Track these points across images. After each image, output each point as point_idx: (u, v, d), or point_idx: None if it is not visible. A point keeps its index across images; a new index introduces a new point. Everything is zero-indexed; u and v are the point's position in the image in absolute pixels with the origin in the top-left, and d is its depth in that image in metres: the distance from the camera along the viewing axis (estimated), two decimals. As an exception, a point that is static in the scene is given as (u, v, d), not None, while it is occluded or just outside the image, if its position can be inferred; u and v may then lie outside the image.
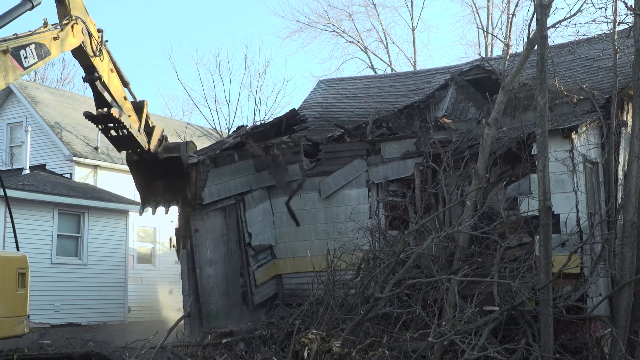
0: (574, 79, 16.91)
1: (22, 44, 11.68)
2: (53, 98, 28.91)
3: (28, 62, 11.73)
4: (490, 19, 38.59)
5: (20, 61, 11.59)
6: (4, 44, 11.22)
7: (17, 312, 10.37)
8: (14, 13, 12.13)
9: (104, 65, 14.56)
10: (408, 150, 16.75)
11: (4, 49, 11.19)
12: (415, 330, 11.62)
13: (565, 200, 13.73)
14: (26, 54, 11.68)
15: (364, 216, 16.65)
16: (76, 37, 13.35)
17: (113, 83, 14.93)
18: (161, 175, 16.97)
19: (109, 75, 14.77)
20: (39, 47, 12.10)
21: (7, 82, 11.49)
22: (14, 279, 10.32)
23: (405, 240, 13.11)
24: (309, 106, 22.46)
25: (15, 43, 11.47)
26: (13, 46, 11.34)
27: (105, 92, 14.62)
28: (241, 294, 17.08)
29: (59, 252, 21.24)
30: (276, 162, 17.54)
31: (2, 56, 11.17)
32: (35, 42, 12.01)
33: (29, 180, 21.59)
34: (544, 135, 12.25)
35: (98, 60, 14.23)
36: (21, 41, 11.63)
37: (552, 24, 13.81)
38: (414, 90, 21.14)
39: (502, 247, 12.87)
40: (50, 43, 12.51)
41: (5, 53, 11.21)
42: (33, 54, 11.88)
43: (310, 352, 10.72)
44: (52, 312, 20.39)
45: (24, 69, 11.69)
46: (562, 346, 12.49)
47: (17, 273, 10.42)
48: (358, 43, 41.36)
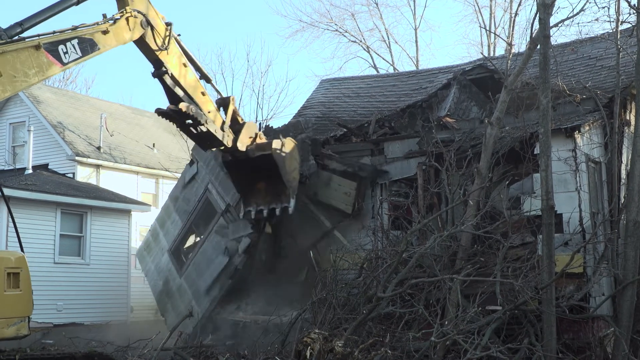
0: (576, 78, 16.89)
1: (60, 39, 11.32)
2: (56, 98, 28.93)
3: (69, 57, 11.35)
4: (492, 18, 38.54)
5: (59, 57, 11.22)
6: (35, 40, 10.88)
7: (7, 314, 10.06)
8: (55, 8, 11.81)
9: (173, 60, 14.00)
10: (411, 149, 16.75)
11: (36, 44, 10.85)
12: (418, 330, 11.59)
13: (568, 200, 13.71)
14: (66, 49, 11.31)
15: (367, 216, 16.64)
16: (133, 31, 12.92)
17: (186, 78, 14.33)
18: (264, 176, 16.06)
19: (181, 69, 14.18)
20: (83, 42, 11.70)
21: (41, 78, 11.19)
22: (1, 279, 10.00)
23: (407, 239, 13.08)
24: (311, 106, 22.47)
25: (52, 39, 11.15)
26: (47, 42, 11.01)
27: (177, 88, 14.12)
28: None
29: (61, 251, 21.26)
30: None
31: (35, 52, 10.79)
32: (78, 37, 11.60)
33: (32, 180, 21.61)
34: (547, 134, 12.22)
35: (164, 54, 13.68)
36: (59, 37, 11.30)
37: (555, 23, 13.81)
38: (417, 90, 21.13)
39: (504, 247, 12.85)
40: (100, 38, 12.08)
41: (37, 49, 10.85)
42: (76, 49, 11.49)
43: (312, 351, 10.71)
44: (54, 311, 20.41)
45: (63, 64, 11.32)
46: (565, 346, 12.47)
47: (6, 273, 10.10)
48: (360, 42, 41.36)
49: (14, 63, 10.35)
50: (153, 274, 19.40)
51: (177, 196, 19.82)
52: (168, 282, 18.68)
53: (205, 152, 18.21)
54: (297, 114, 22.22)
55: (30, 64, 10.68)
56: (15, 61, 10.37)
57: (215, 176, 18.46)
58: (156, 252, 19.67)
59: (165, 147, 30.56)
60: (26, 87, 11.18)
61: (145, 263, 19.83)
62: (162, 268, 19.14)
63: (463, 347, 10.68)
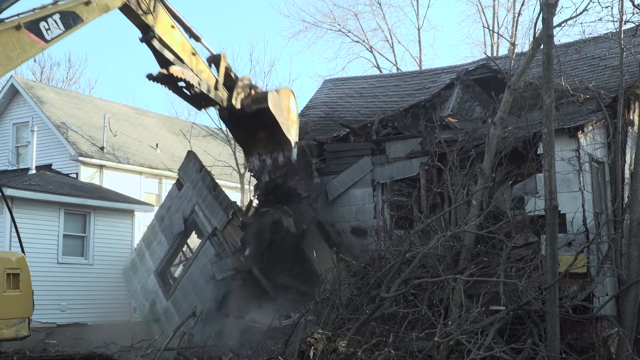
0: (580, 78, 16.86)
1: (41, 16, 11.14)
2: (59, 98, 28.95)
3: (51, 34, 11.23)
4: (496, 18, 38.51)
5: (41, 34, 11.08)
6: (15, 20, 10.70)
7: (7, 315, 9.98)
8: None
9: (161, 23, 13.72)
10: (413, 149, 16.74)
11: (16, 24, 10.69)
12: (421, 330, 11.58)
13: (572, 200, 13.70)
14: (48, 26, 11.19)
15: (369, 216, 16.65)
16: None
17: (175, 40, 14.07)
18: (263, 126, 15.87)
19: (169, 31, 13.94)
20: (65, 16, 11.53)
21: (24, 59, 11.07)
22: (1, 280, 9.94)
23: (410, 239, 13.08)
24: (314, 106, 22.46)
25: (32, 17, 10.99)
26: (28, 20, 10.86)
27: (166, 50, 13.86)
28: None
29: (65, 251, 21.28)
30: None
31: (16, 33, 10.68)
32: (60, 12, 11.42)
33: (35, 180, 21.63)
34: (550, 134, 12.21)
35: (151, 17, 13.44)
36: (39, 14, 11.13)
37: (558, 23, 13.78)
38: (420, 90, 21.11)
39: (508, 247, 12.83)
40: (82, 9, 11.92)
41: (18, 29, 10.75)
42: (58, 24, 11.37)
43: (316, 351, 10.71)
44: (58, 311, 20.43)
45: (46, 42, 11.20)
46: (569, 346, 12.45)
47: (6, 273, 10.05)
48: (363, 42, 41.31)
49: None
50: (139, 294, 19.25)
51: (163, 216, 19.72)
52: (155, 304, 18.55)
53: (192, 173, 18.60)
54: (300, 114, 22.18)
55: (12, 45, 10.58)
56: None
57: (202, 198, 18.54)
58: (142, 273, 19.54)
59: (169, 147, 30.57)
60: (10, 70, 11.03)
61: (131, 283, 19.62)
62: (148, 289, 19.03)
63: (466, 347, 10.67)
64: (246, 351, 14.02)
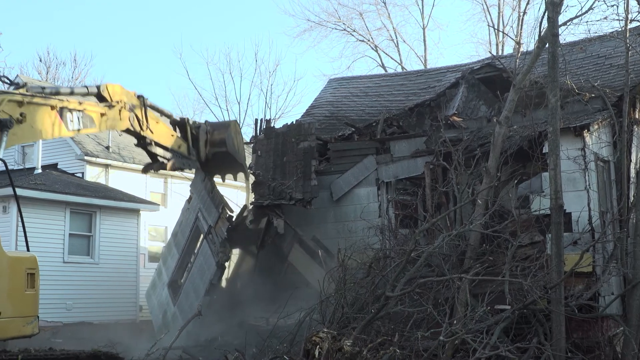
0: (585, 77, 16.83)
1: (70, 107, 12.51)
2: (65, 98, 28.98)
3: (72, 126, 12.57)
4: (501, 17, 38.48)
5: (66, 123, 12.38)
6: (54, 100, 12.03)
7: (26, 313, 10.37)
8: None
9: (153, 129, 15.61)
10: (418, 148, 16.74)
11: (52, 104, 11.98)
12: (427, 329, 11.56)
13: (577, 199, 13.68)
14: (72, 118, 12.53)
15: (373, 215, 16.64)
16: (123, 121, 14.45)
17: (161, 132, 16.03)
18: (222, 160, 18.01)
19: (156, 128, 15.80)
20: (85, 117, 12.98)
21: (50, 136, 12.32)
22: (23, 280, 10.32)
23: (415, 238, 13.07)
24: (319, 105, 22.46)
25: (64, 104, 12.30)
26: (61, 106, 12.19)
27: (157, 148, 15.98)
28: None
29: (70, 251, 21.32)
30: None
31: (50, 111, 11.90)
32: (83, 111, 12.91)
33: (41, 179, 21.68)
34: (556, 133, 12.19)
35: (148, 132, 15.37)
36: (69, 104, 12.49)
37: (564, 21, 13.78)
38: (425, 89, 21.10)
39: (513, 246, 12.82)
40: (97, 118, 13.41)
41: (52, 109, 11.96)
42: (79, 121, 12.76)
43: (321, 350, 10.72)
44: (64, 310, 20.48)
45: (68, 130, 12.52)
46: (574, 345, 12.43)
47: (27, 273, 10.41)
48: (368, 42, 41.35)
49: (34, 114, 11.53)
50: (155, 309, 19.22)
51: (177, 232, 20.07)
52: (165, 313, 18.52)
53: (198, 184, 19.55)
54: (305, 114, 22.21)
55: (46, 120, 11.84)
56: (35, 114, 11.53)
57: (203, 202, 18.90)
58: (159, 289, 19.63)
59: (174, 147, 30.57)
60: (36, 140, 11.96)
61: (150, 302, 19.69)
62: (162, 302, 19.11)
63: (472, 346, 10.66)
64: (251, 350, 14.03)
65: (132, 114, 14.77)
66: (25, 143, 12.39)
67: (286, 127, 19.12)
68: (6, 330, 10.02)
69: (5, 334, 10.08)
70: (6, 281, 9.97)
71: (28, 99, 11.39)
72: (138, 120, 15.00)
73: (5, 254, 10.08)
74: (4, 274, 9.90)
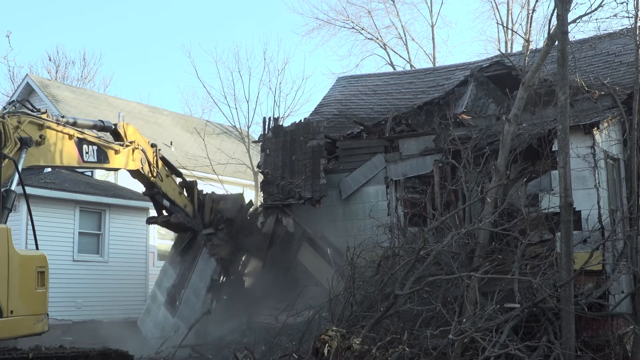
0: (595, 75, 16.78)
1: (87, 139, 13.14)
2: (74, 96, 29.11)
3: (87, 157, 13.11)
4: (510, 14, 38.31)
5: (81, 154, 12.92)
6: (72, 130, 12.58)
7: (36, 311, 10.47)
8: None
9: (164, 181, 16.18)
10: (427, 147, 16.72)
11: (71, 133, 12.51)
12: (436, 328, 11.54)
13: (587, 197, 13.64)
14: (88, 150, 13.13)
15: (382, 213, 16.64)
16: (135, 162, 15.03)
17: (170, 186, 16.63)
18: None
19: (166, 183, 16.38)
20: (100, 152, 13.56)
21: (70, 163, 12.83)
22: (34, 278, 10.42)
23: (425, 237, 13.05)
24: (328, 103, 22.46)
25: (82, 135, 12.94)
26: (79, 137, 12.79)
27: (164, 200, 16.53)
28: None
29: (80, 249, 21.38)
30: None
31: (68, 140, 12.47)
32: (99, 146, 13.56)
33: (51, 178, 21.75)
34: (565, 131, 12.15)
35: (157, 180, 15.92)
36: (87, 137, 13.13)
37: (573, 19, 13.71)
38: (434, 87, 21.08)
39: (522, 244, 12.78)
40: (111, 154, 13.99)
41: (70, 138, 12.54)
42: (94, 154, 13.33)
43: (330, 349, 10.72)
44: (74, 308, 20.55)
45: (83, 161, 13.03)
46: (584, 344, 12.39)
47: (37, 272, 10.51)
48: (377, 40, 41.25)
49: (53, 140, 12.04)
50: (151, 330, 18.44)
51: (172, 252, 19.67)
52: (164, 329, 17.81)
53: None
54: (314, 112, 22.21)
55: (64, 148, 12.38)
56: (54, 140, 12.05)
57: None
58: (154, 311, 19.08)
59: (183, 145, 30.68)
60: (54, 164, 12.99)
61: (145, 325, 18.96)
62: (158, 321, 18.46)
63: (481, 344, 10.64)
64: (260, 348, 14.06)
65: (144, 157, 15.29)
66: (41, 165, 12.70)
67: (294, 125, 19.10)
68: (17, 328, 10.09)
69: (16, 331, 10.16)
70: (17, 279, 10.04)
71: (48, 123, 11.94)
72: (149, 165, 15.55)
73: (16, 252, 10.15)
74: (14, 272, 9.97)
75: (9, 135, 10.91)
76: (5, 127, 10.86)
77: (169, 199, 16.62)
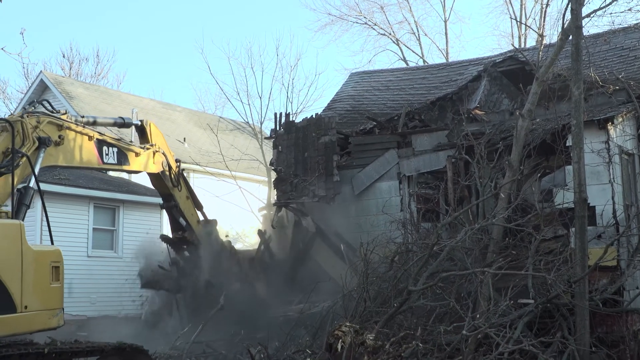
0: (609, 69, 16.69)
1: (107, 141, 13.19)
2: (88, 93, 29.23)
3: (107, 159, 13.18)
4: (523, 9, 38.10)
5: (101, 155, 12.99)
6: (92, 131, 12.69)
7: (51, 305, 10.58)
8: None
9: (182, 194, 16.04)
10: (440, 142, 16.67)
11: (91, 135, 12.60)
12: (449, 323, 11.53)
13: (601, 192, 13.57)
14: (108, 152, 13.19)
15: (395, 209, 16.62)
16: (156, 165, 14.93)
17: (189, 209, 16.48)
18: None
19: (185, 202, 16.25)
20: (120, 154, 13.58)
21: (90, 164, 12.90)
22: (48, 273, 10.54)
23: (438, 232, 13.03)
24: (340, 99, 22.45)
25: (102, 137, 13.02)
26: (98, 138, 12.90)
27: (181, 218, 16.30)
28: None
29: (94, 245, 21.50)
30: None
31: (87, 141, 12.57)
32: (119, 148, 13.57)
33: (65, 174, 21.84)
34: (579, 126, 12.09)
35: (176, 190, 15.79)
36: (107, 139, 13.19)
37: (587, 13, 13.66)
38: (447, 82, 21.02)
39: (536, 240, 12.74)
40: (132, 157, 14.00)
41: (90, 139, 12.65)
42: (114, 156, 13.38)
43: (344, 344, 10.73)
44: (88, 304, 20.65)
45: (102, 162, 13.09)
46: (599, 339, 12.34)
47: (51, 266, 10.62)
48: (390, 35, 41.13)
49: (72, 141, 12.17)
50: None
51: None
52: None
53: None
54: (326, 108, 22.20)
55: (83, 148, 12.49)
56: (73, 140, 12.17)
57: None
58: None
59: (196, 142, 30.75)
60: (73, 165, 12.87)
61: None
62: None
63: (495, 340, 10.62)
64: (273, 344, 14.09)
65: (165, 161, 15.19)
66: (59, 165, 12.89)
67: (306, 121, 19.02)
68: (33, 323, 10.20)
69: (32, 326, 10.26)
70: (31, 275, 10.14)
71: (68, 124, 12.08)
72: (171, 176, 15.48)
73: (31, 248, 10.24)
74: (28, 268, 10.07)
75: (28, 135, 11.10)
76: (24, 127, 11.04)
77: (185, 219, 16.44)
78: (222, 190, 26.76)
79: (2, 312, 9.66)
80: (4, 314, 9.67)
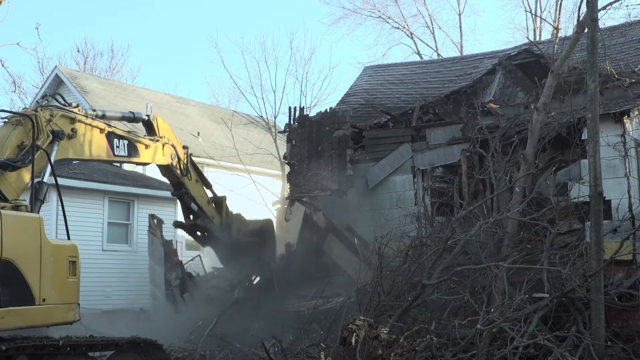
0: (625, 62, 16.57)
1: (118, 133, 13.33)
2: (102, 87, 29.33)
3: (118, 151, 13.32)
4: (538, 2, 37.90)
5: (112, 147, 13.12)
6: (102, 124, 12.88)
7: (68, 300, 10.69)
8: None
9: (191, 180, 16.16)
10: (454, 136, 16.63)
11: (102, 127, 12.79)
12: (464, 317, 11.51)
13: (617, 186, 13.49)
14: (119, 144, 13.33)
15: (409, 203, 16.61)
16: (165, 157, 15.12)
17: (198, 192, 16.60)
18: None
19: (195, 186, 16.38)
20: (131, 146, 13.72)
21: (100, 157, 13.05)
22: (65, 267, 10.64)
23: (452, 226, 12.99)
24: (354, 93, 22.43)
25: (113, 129, 13.18)
26: (110, 130, 13.05)
27: (192, 203, 16.50)
28: None
29: (109, 239, 21.60)
30: None
31: (99, 134, 12.70)
32: (129, 140, 13.72)
33: (80, 168, 21.96)
34: (595, 119, 12.00)
35: (186, 179, 15.90)
36: (118, 131, 13.35)
37: (603, 6, 13.53)
38: (461, 76, 20.94)
39: (551, 234, 12.67)
40: (142, 148, 14.13)
41: (102, 132, 12.72)
42: (124, 148, 13.51)
43: (358, 338, 10.73)
44: (103, 297, 20.76)
45: (113, 155, 13.24)
46: (614, 334, 12.27)
47: (68, 261, 10.71)
48: (404, 29, 41.06)
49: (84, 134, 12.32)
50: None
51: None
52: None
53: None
54: (340, 102, 22.18)
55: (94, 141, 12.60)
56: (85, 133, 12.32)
57: None
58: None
59: (210, 136, 30.80)
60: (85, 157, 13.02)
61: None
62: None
63: (509, 334, 10.59)
64: (288, 337, 14.11)
65: (174, 152, 15.35)
66: (72, 158, 13.20)
67: (320, 115, 19.02)
68: (50, 317, 10.30)
69: (49, 320, 10.37)
70: (49, 268, 10.23)
71: (80, 117, 12.18)
72: (179, 162, 15.60)
73: (48, 242, 10.33)
74: (47, 261, 10.15)
75: (42, 128, 11.17)
76: (38, 120, 11.09)
77: (197, 203, 16.61)
78: (236, 184, 26.77)
79: (21, 303, 9.77)
80: (23, 305, 9.77)
